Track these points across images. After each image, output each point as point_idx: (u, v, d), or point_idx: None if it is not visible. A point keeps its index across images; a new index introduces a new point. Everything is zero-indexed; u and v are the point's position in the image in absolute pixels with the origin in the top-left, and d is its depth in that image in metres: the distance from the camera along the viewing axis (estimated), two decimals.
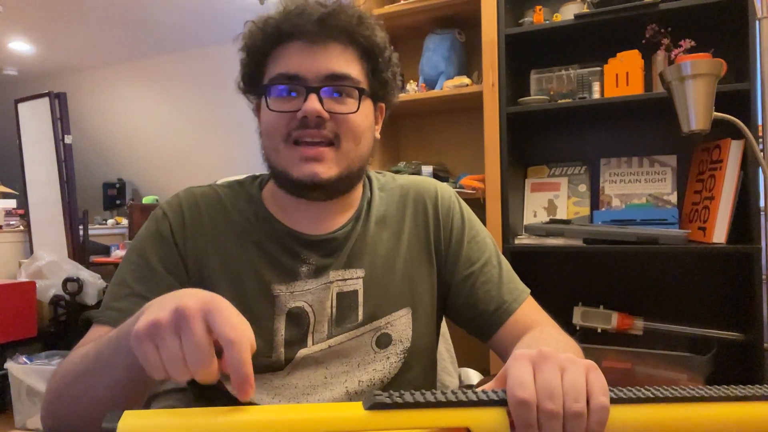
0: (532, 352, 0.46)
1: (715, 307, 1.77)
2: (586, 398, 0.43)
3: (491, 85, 1.82)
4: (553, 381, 0.44)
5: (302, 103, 0.71)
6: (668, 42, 1.64)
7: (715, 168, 1.63)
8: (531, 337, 0.72)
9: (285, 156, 0.73)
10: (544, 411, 0.42)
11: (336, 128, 0.73)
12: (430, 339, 0.84)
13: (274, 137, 0.74)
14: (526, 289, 0.83)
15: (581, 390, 0.44)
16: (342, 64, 0.73)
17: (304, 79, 0.72)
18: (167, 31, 4.56)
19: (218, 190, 0.83)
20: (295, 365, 0.76)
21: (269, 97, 0.74)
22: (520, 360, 0.46)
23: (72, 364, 0.63)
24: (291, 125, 0.72)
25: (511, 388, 0.43)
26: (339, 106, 0.73)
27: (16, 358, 2.75)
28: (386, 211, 0.84)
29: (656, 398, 0.45)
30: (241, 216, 0.80)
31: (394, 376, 0.79)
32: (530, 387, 0.43)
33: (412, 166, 2.01)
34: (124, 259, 0.77)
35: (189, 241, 0.77)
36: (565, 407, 0.43)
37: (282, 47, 0.74)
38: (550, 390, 0.43)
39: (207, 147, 5.20)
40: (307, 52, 0.73)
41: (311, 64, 0.72)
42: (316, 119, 0.71)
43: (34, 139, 3.66)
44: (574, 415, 0.43)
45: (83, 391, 0.60)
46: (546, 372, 0.44)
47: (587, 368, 0.45)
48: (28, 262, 3.30)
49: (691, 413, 0.45)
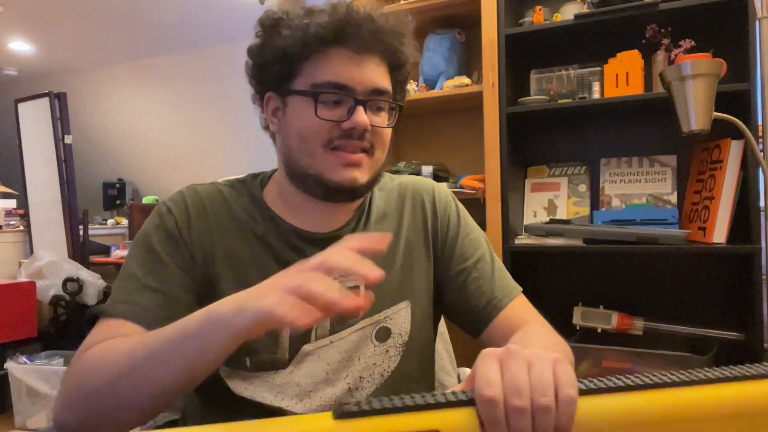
0: (499, 350, 0.47)
1: (715, 307, 1.77)
2: (554, 392, 0.43)
3: (491, 85, 1.82)
4: (519, 377, 0.44)
5: (345, 113, 0.72)
6: (668, 42, 1.64)
7: (715, 168, 1.63)
8: (518, 337, 0.72)
9: (323, 161, 0.74)
10: (511, 407, 0.43)
11: (372, 139, 0.75)
12: (427, 333, 0.86)
13: (312, 142, 0.73)
14: (517, 287, 0.84)
15: (548, 384, 0.44)
16: (381, 78, 0.75)
17: (353, 90, 0.72)
18: (167, 31, 4.56)
19: (220, 187, 0.83)
20: (298, 362, 0.76)
21: (318, 102, 0.72)
22: (486, 358, 0.46)
23: (108, 363, 0.61)
24: (333, 133, 0.73)
25: (478, 387, 0.44)
26: (377, 119, 0.75)
27: (16, 358, 2.75)
28: (386, 208, 0.86)
29: (626, 387, 0.44)
30: (245, 213, 0.80)
31: (393, 370, 0.79)
32: (496, 385, 0.43)
33: (412, 166, 2.01)
34: (130, 255, 0.77)
35: (195, 236, 0.77)
36: (533, 402, 0.43)
37: (325, 51, 0.72)
38: (516, 386, 0.43)
39: (207, 147, 5.20)
40: (355, 62, 0.73)
41: (359, 75, 0.73)
42: (361, 132, 0.73)
43: (34, 139, 3.66)
44: (542, 409, 0.43)
45: (126, 390, 0.59)
46: (512, 368, 0.45)
47: (554, 362, 0.46)
48: (28, 262, 3.30)
49: (663, 399, 0.45)
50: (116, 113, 5.62)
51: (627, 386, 0.45)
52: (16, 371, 2.64)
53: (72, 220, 3.53)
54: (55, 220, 3.54)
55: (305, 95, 0.73)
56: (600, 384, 0.45)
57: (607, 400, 0.44)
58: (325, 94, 0.72)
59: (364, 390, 0.78)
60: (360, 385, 0.78)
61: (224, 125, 4.90)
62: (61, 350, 2.94)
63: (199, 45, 4.81)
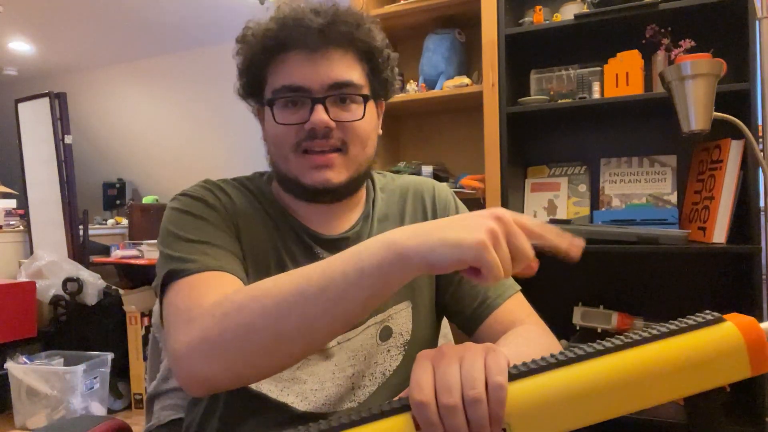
0: (432, 351, 0.47)
1: (715, 307, 1.76)
2: (484, 383, 0.44)
3: (491, 85, 1.82)
4: (449, 375, 0.44)
5: (308, 114, 0.72)
6: (668, 42, 1.64)
7: (715, 168, 1.63)
8: (504, 337, 0.73)
9: (295, 165, 0.75)
10: (442, 406, 0.43)
11: (343, 136, 0.74)
12: (430, 333, 0.86)
13: (282, 147, 0.75)
14: (514, 286, 0.83)
15: (478, 376, 0.44)
16: (344, 70, 0.74)
17: (309, 89, 0.73)
18: (167, 31, 4.56)
19: (232, 182, 0.84)
20: (306, 360, 0.76)
21: (275, 109, 0.74)
22: (419, 362, 0.47)
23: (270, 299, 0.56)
24: (299, 136, 0.73)
25: (411, 392, 0.44)
26: (345, 113, 0.74)
27: (16, 358, 2.76)
28: (388, 209, 0.86)
29: (559, 362, 0.44)
30: (257, 208, 0.81)
31: (395, 369, 0.80)
32: (426, 387, 0.44)
33: (412, 166, 2.01)
34: (169, 228, 0.72)
35: (230, 213, 0.77)
36: (464, 396, 0.43)
37: (282, 57, 0.74)
38: (447, 384, 0.44)
39: (207, 147, 5.20)
40: (308, 62, 0.73)
41: (314, 73, 0.73)
42: (323, 130, 0.72)
43: (34, 139, 3.66)
44: (472, 401, 0.43)
45: (297, 323, 0.54)
46: (443, 367, 0.45)
47: (485, 352, 0.46)
48: (28, 262, 3.30)
49: (595, 369, 0.44)
50: (116, 113, 5.62)
51: (559, 362, 0.44)
52: (16, 371, 2.64)
53: (72, 220, 3.53)
54: (55, 220, 3.54)
55: (268, 104, 0.75)
56: (531, 365, 0.45)
57: (542, 380, 0.44)
58: (282, 99, 0.74)
59: (366, 388, 0.78)
60: (362, 384, 0.78)
61: (224, 125, 4.90)
62: (61, 350, 2.94)
63: (199, 45, 4.81)
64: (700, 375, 0.45)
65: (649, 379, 0.44)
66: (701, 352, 0.45)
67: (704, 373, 0.45)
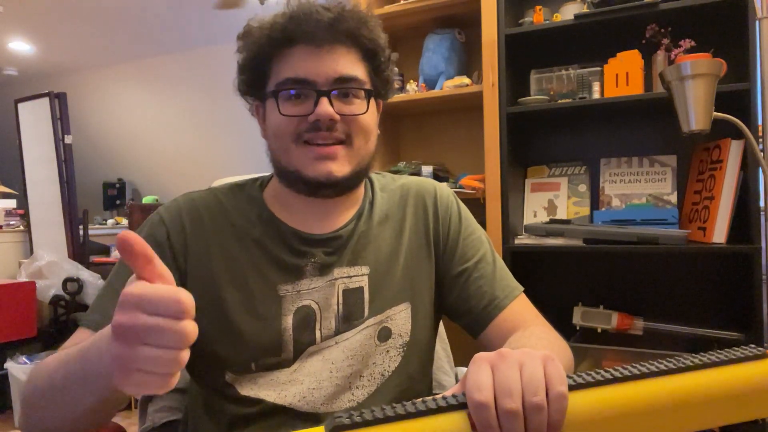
0: (490, 354, 0.47)
1: (715, 307, 1.77)
2: (545, 390, 0.44)
3: (491, 85, 1.82)
4: (511, 379, 0.44)
5: (312, 107, 0.73)
6: (668, 42, 1.64)
7: (715, 168, 1.63)
8: (516, 338, 0.72)
9: (297, 156, 0.75)
10: (502, 410, 0.43)
11: (347, 128, 0.75)
12: (428, 334, 0.85)
13: (283, 139, 0.75)
14: (518, 287, 0.84)
15: (540, 383, 0.44)
16: (348, 66, 0.75)
17: (314, 82, 0.73)
18: (167, 31, 4.56)
19: (217, 194, 0.83)
20: (303, 361, 0.76)
21: (279, 100, 0.74)
22: (478, 363, 0.47)
23: (41, 378, 0.63)
24: (301, 127, 0.74)
25: (469, 392, 0.44)
26: (348, 107, 0.75)
27: (16, 358, 2.75)
28: (388, 210, 0.86)
29: (614, 378, 0.45)
30: (243, 218, 0.80)
31: (393, 370, 0.79)
32: (487, 388, 0.44)
33: (412, 166, 2.01)
34: (116, 263, 0.79)
35: (190, 245, 0.77)
36: (525, 402, 0.43)
37: (287, 51, 0.75)
38: (508, 388, 0.44)
39: (207, 147, 5.20)
40: (314, 56, 0.74)
41: (320, 67, 0.73)
42: (328, 122, 0.72)
43: (34, 139, 3.66)
44: (534, 408, 0.43)
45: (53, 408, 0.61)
46: (503, 371, 0.45)
47: (544, 360, 0.46)
48: (28, 262, 3.30)
49: (651, 388, 0.45)
50: (116, 113, 5.62)
51: (615, 378, 0.45)
52: (16, 371, 2.64)
53: (72, 220, 3.53)
54: (55, 220, 3.54)
55: (272, 96, 0.75)
56: (588, 378, 0.45)
57: (597, 393, 0.45)
58: (286, 91, 0.74)
59: (365, 389, 0.78)
60: (360, 384, 0.78)
61: (224, 125, 4.90)
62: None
63: (199, 45, 4.81)
64: (740, 407, 0.47)
65: (692, 405, 0.46)
66: (743, 386, 0.47)
67: (744, 405, 0.47)
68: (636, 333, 1.72)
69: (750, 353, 0.48)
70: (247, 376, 0.75)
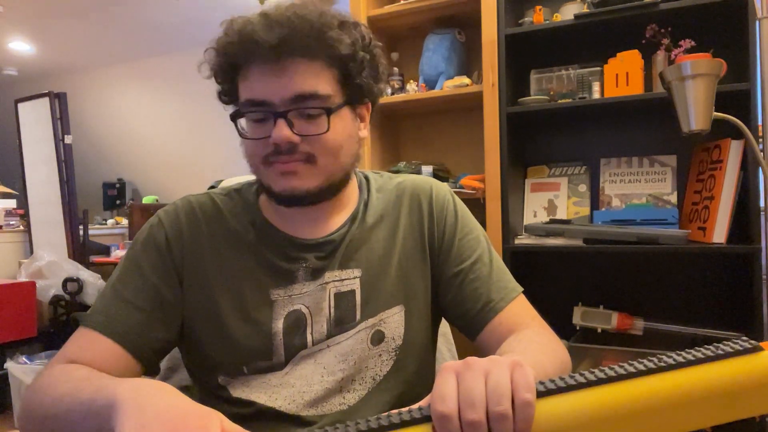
0: (457, 363, 0.46)
1: (715, 307, 1.77)
2: (510, 398, 0.43)
3: (491, 85, 1.82)
4: (474, 389, 0.43)
5: (272, 129, 0.70)
6: (668, 42, 1.64)
7: (715, 168, 1.63)
8: (507, 342, 0.71)
9: (266, 174, 0.74)
10: (465, 421, 0.42)
11: (310, 149, 0.71)
12: (425, 337, 0.84)
13: (252, 159, 0.75)
14: (517, 288, 0.81)
15: (504, 391, 0.43)
16: (308, 81, 0.70)
17: (271, 104, 0.70)
18: (167, 31, 4.56)
19: (215, 198, 0.83)
20: (295, 364, 0.76)
21: (242, 123, 0.74)
22: (443, 373, 0.46)
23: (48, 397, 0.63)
24: (266, 150, 0.72)
25: (433, 403, 0.43)
26: (310, 126, 0.71)
27: (16, 358, 2.75)
28: (383, 211, 0.84)
29: (590, 382, 0.43)
30: (239, 223, 0.80)
31: (386, 374, 0.78)
32: (450, 399, 0.43)
33: (412, 166, 2.01)
34: (118, 265, 0.79)
35: (187, 249, 0.78)
36: (489, 412, 0.42)
37: (246, 69, 0.72)
38: (471, 399, 0.43)
39: (207, 147, 5.20)
40: (270, 75, 0.70)
41: (275, 86, 0.70)
42: (287, 145, 0.70)
43: (34, 139, 3.67)
44: (498, 418, 0.42)
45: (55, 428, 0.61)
46: (468, 381, 0.44)
47: (512, 367, 0.45)
48: (28, 262, 3.30)
49: (634, 390, 0.43)
50: (116, 113, 5.62)
51: (590, 381, 0.43)
52: (16, 371, 2.64)
53: (72, 220, 3.53)
54: (55, 220, 3.54)
55: (238, 116, 0.75)
56: (561, 383, 0.44)
57: (571, 399, 0.43)
58: (248, 113, 0.73)
59: (356, 392, 0.77)
60: (351, 388, 0.77)
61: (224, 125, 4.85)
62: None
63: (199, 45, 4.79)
64: (732, 404, 0.44)
65: (679, 406, 0.43)
66: (736, 381, 0.44)
67: (737, 402, 0.44)
68: (636, 333, 1.72)
69: (741, 347, 0.45)
70: (240, 378, 0.75)
